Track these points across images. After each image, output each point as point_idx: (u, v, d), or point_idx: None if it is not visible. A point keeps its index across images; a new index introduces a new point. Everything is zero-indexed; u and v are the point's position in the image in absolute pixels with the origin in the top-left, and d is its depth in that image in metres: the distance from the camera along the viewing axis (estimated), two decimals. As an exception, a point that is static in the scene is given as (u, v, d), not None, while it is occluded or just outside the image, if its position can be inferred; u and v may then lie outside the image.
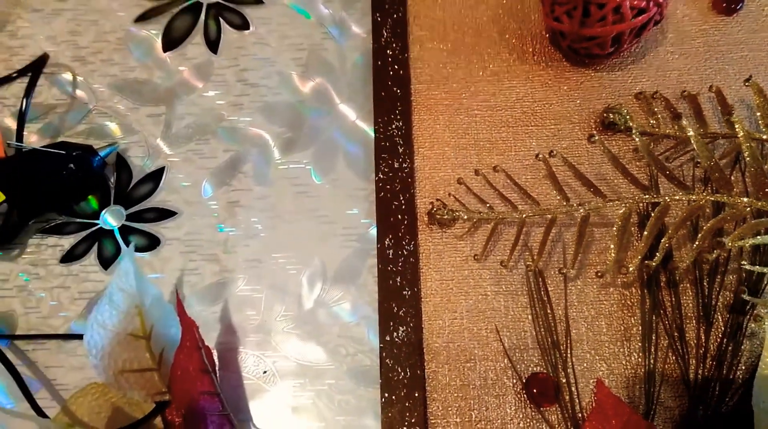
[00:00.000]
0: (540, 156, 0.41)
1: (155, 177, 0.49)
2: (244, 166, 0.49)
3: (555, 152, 0.40)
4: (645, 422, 0.38)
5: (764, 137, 0.42)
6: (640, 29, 0.45)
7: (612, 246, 0.38)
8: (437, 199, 0.46)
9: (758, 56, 0.49)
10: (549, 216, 0.41)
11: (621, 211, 0.39)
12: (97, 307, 0.39)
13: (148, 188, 0.49)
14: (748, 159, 0.35)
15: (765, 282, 0.41)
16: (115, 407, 0.42)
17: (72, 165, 0.46)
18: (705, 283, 0.42)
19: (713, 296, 0.42)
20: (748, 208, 0.36)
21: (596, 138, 0.38)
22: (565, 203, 0.41)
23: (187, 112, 0.51)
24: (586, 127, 0.48)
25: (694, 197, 0.37)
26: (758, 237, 0.34)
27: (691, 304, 0.42)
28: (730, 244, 0.34)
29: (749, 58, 0.49)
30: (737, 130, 0.36)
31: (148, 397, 0.40)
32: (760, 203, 0.36)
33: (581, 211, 0.40)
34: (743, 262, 0.38)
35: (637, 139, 0.38)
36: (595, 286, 0.43)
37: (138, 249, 0.47)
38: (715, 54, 0.49)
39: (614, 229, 0.38)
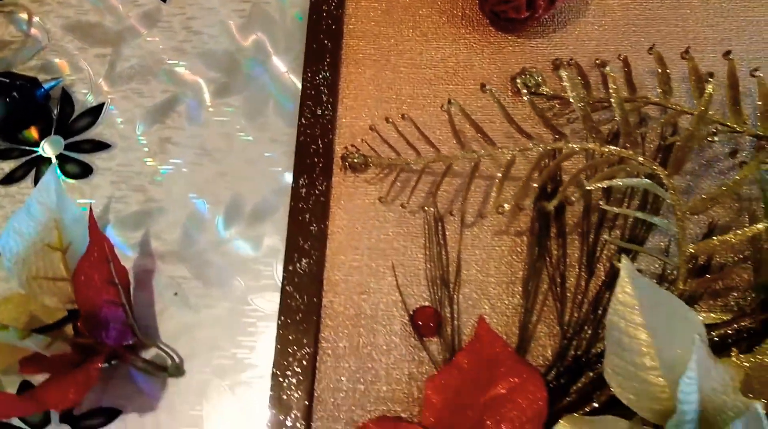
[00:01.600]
0: (444, 107, 0.44)
1: (95, 112, 0.52)
2: (179, 106, 0.52)
3: (452, 101, 0.42)
4: (515, 355, 0.41)
5: (661, 102, 0.45)
6: (553, -5, 0.47)
7: (494, 190, 0.41)
8: (352, 145, 0.48)
9: (675, 31, 0.52)
10: (448, 162, 0.44)
11: (508, 159, 0.41)
12: (15, 215, 0.42)
13: (87, 121, 0.52)
14: (615, 108, 0.38)
15: (643, 231, 0.44)
16: (33, 315, 0.45)
17: (15, 93, 0.49)
18: (591, 236, 0.45)
19: (598, 248, 0.44)
20: (613, 157, 0.38)
21: (488, 88, 0.40)
22: (461, 151, 0.43)
23: (132, 55, 0.54)
24: (504, 88, 0.50)
25: (571, 144, 0.39)
26: (616, 180, 0.37)
27: (577, 254, 0.45)
28: (589, 186, 0.36)
29: (665, 33, 0.52)
30: (609, 82, 0.38)
31: (60, 304, 0.43)
32: (627, 152, 0.38)
33: (475, 157, 0.43)
34: (600, 202, 0.40)
35: (525, 98, 0.41)
36: (489, 233, 0.46)
37: (71, 176, 0.50)
38: (633, 27, 0.52)
39: (499, 174, 0.41)
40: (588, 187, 0.36)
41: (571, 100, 0.38)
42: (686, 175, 0.47)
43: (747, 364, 0.33)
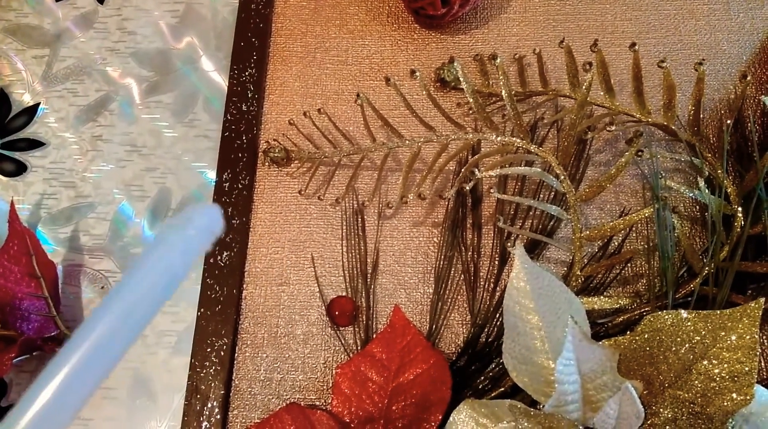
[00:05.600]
0: (358, 101, 0.45)
1: (31, 111, 0.54)
2: (111, 104, 0.53)
3: (362, 94, 0.43)
4: (425, 341, 0.42)
5: (570, 94, 0.46)
6: (467, -8, 0.48)
7: (400, 181, 0.42)
8: (274, 139, 0.49)
9: (594, 25, 0.53)
10: (362, 154, 0.45)
11: (413, 152, 0.43)
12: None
13: (23, 121, 0.53)
14: (505, 100, 0.39)
15: (554, 221, 0.45)
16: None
17: (-51, 94, 0.50)
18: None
19: (512, 237, 0.45)
20: (516, 147, 0.40)
21: (392, 81, 0.42)
22: (372, 144, 0.44)
23: (69, 55, 0.55)
24: (426, 84, 0.52)
25: (470, 136, 0.40)
26: (507, 168, 0.38)
27: (491, 244, 0.46)
28: (481, 174, 0.38)
29: (584, 27, 0.53)
30: (499, 75, 0.39)
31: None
32: (519, 141, 0.39)
33: (385, 150, 0.44)
34: (492, 191, 0.41)
35: (420, 87, 0.42)
36: (407, 224, 0.47)
37: (7, 174, 0.51)
38: (553, 23, 0.53)
39: (404, 168, 0.42)
40: (479, 176, 0.37)
41: (465, 90, 0.39)
42: (600, 167, 0.48)
43: (624, 346, 0.34)
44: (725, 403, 0.32)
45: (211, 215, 0.21)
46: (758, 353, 0.32)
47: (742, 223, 0.40)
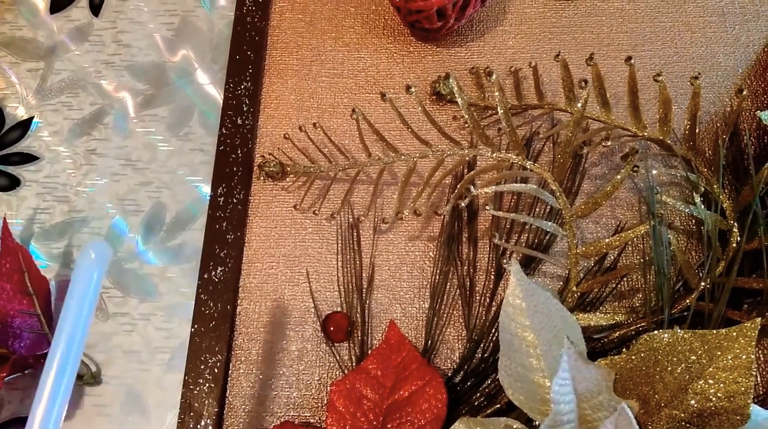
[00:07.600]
0: (353, 116, 0.45)
1: (25, 125, 0.53)
2: (106, 118, 0.53)
3: (357, 109, 0.43)
4: (420, 358, 0.42)
5: (566, 108, 0.46)
6: (464, 5, 0.48)
7: (396, 197, 0.42)
8: (269, 153, 0.49)
9: (589, 38, 0.53)
10: (357, 169, 0.45)
11: (409, 166, 0.42)
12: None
13: (17, 134, 0.53)
14: (501, 116, 0.39)
15: (550, 239, 0.44)
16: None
17: (-57, 108, 0.50)
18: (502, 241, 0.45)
19: (507, 253, 0.45)
20: (504, 162, 0.39)
21: (387, 97, 0.41)
22: (367, 158, 0.44)
23: (63, 68, 0.55)
24: (422, 97, 0.51)
25: (466, 151, 0.40)
26: (503, 185, 0.38)
27: (486, 259, 0.46)
28: (476, 190, 0.37)
29: (580, 40, 0.53)
30: (495, 90, 0.39)
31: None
32: (515, 158, 0.39)
33: (380, 165, 0.43)
34: (488, 207, 0.41)
35: (416, 102, 0.41)
36: (403, 238, 0.47)
37: None
38: (549, 35, 0.53)
39: (400, 183, 0.42)
40: (474, 193, 0.37)
41: (461, 107, 0.39)
42: (596, 180, 0.48)
43: (622, 364, 0.34)
44: (721, 423, 0.32)
45: (100, 250, 0.27)
46: (754, 373, 0.32)
47: (738, 238, 0.40)
